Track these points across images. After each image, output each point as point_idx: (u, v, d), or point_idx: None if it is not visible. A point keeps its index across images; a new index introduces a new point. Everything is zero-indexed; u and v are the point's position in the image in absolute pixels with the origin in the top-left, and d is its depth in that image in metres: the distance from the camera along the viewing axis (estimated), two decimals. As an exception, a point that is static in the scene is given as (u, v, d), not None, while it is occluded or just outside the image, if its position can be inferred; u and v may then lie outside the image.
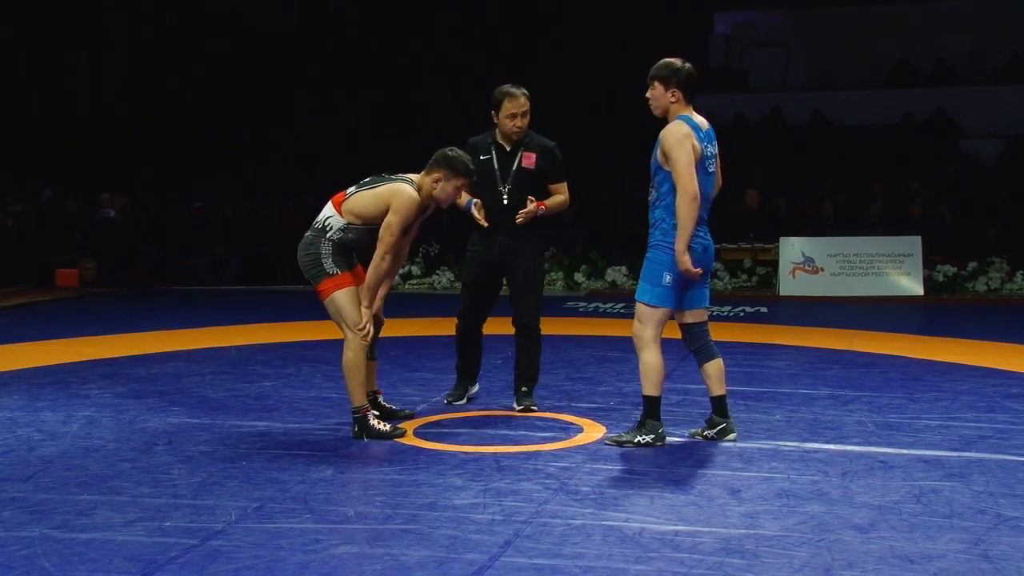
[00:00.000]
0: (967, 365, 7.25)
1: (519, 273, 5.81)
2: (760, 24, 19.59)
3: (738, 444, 5.03)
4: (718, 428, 5.08)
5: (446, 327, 6.76)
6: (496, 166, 5.77)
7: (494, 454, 4.87)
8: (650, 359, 4.86)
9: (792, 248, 12.09)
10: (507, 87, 5.74)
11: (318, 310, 5.06)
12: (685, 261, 4.74)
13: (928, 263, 12.10)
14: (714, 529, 3.80)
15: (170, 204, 15.35)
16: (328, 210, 5.19)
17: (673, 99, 4.88)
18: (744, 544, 3.63)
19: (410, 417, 5.56)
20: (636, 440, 4.91)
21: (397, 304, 5.54)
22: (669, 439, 5.09)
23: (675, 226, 4.79)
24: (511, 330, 5.94)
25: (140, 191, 15.53)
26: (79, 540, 3.68)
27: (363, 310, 5.10)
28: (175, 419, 5.59)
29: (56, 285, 12.72)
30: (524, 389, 5.91)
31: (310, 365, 7.26)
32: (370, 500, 4.17)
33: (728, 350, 7.66)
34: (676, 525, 3.84)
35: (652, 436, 4.92)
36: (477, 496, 4.18)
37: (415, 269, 13.20)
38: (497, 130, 5.79)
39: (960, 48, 17.94)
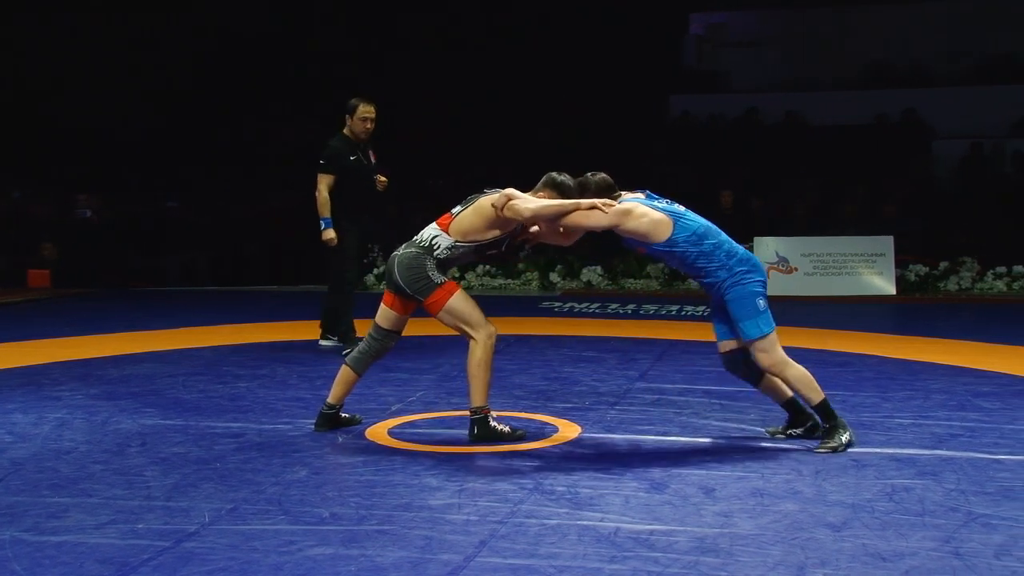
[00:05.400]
0: (939, 364, 7.31)
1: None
2: (734, 25, 19.65)
3: (711, 443, 5.06)
4: (808, 426, 5.11)
5: (421, 327, 6.75)
6: (363, 162, 7.68)
7: (469, 454, 4.87)
8: (798, 373, 4.91)
9: (766, 248, 12.13)
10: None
11: (293, 310, 5.03)
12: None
13: (900, 263, 12.18)
14: (689, 528, 3.81)
15: (145, 204, 15.25)
16: (434, 229, 5.06)
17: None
18: (719, 543, 3.65)
19: (359, 423, 5.44)
20: (842, 441, 4.87)
21: (373, 305, 5.52)
22: (641, 437, 5.15)
23: (738, 260, 5.08)
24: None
25: (115, 191, 15.42)
26: (50, 543, 3.65)
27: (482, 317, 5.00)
28: (148, 420, 5.56)
29: (28, 286, 12.62)
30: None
31: (284, 366, 7.23)
32: (345, 501, 4.15)
33: (704, 349, 7.70)
34: (651, 524, 3.85)
35: (848, 433, 4.90)
36: (452, 496, 4.18)
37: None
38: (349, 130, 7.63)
39: (934, 49, 18.08)
